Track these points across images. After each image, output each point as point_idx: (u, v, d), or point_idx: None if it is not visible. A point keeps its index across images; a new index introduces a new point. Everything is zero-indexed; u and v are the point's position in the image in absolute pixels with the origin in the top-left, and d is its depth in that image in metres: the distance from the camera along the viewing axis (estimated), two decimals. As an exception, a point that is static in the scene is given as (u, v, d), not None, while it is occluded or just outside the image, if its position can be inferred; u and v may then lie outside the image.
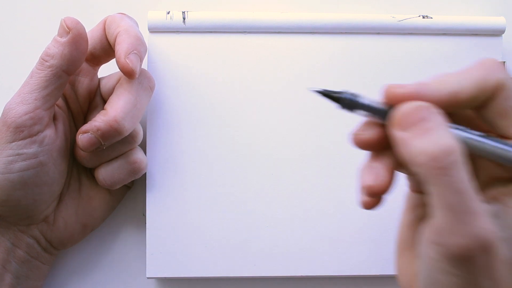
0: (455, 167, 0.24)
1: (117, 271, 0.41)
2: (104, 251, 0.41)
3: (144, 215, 0.41)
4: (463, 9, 0.43)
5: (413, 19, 0.40)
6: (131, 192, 0.41)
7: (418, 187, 0.31)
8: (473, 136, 0.27)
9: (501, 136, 0.28)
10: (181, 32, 0.40)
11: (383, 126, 0.28)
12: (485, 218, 0.25)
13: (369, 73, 0.40)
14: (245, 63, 0.40)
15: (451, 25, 0.40)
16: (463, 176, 0.24)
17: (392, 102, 0.27)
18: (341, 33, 0.40)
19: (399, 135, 0.26)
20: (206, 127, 0.40)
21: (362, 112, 0.29)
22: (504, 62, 0.41)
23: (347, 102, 0.29)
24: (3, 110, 0.33)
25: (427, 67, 0.41)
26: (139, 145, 0.38)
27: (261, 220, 0.40)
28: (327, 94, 0.29)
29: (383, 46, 0.41)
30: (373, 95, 0.40)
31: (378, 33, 0.40)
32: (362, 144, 0.29)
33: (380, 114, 0.28)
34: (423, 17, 0.40)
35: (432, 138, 0.25)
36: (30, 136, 0.33)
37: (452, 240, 0.25)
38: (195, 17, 0.40)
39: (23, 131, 0.32)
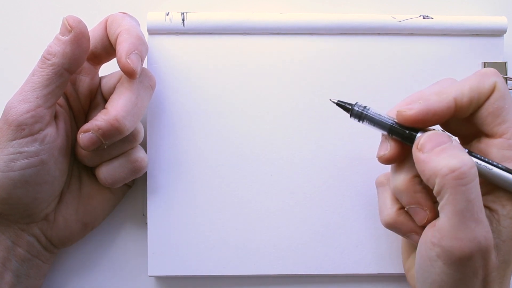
0: (471, 180, 0.28)
1: (117, 270, 0.41)
2: (104, 250, 0.41)
3: (144, 215, 0.41)
4: (464, 9, 0.43)
5: (413, 19, 0.40)
6: (131, 191, 0.42)
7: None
8: (482, 163, 0.31)
9: (488, 135, 0.32)
10: (181, 33, 0.40)
11: (396, 141, 0.33)
12: (486, 226, 0.29)
13: (369, 74, 0.40)
14: (245, 64, 0.40)
15: (452, 25, 0.40)
16: (475, 188, 0.28)
17: (405, 124, 0.32)
18: (341, 34, 0.40)
19: (421, 156, 0.30)
20: (206, 127, 0.40)
21: (368, 123, 0.34)
22: (505, 62, 0.41)
23: (357, 113, 0.34)
24: (5, 108, 0.33)
25: (428, 68, 0.41)
26: (140, 144, 0.38)
27: (261, 219, 0.40)
28: (341, 105, 0.34)
29: (383, 47, 0.41)
30: (373, 96, 0.40)
31: (379, 34, 0.41)
32: (387, 162, 0.33)
33: (384, 128, 0.33)
34: (424, 18, 0.40)
35: (454, 155, 0.29)
36: (31, 134, 0.33)
37: (454, 243, 0.29)
38: (194, 18, 0.40)
39: (24, 129, 0.33)
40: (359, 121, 0.34)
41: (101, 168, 0.37)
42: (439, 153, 0.30)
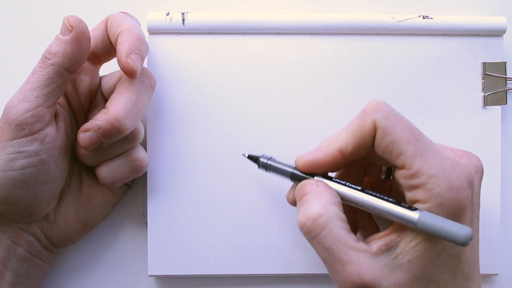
0: (320, 230, 0.30)
1: (117, 269, 0.41)
2: (104, 250, 0.41)
3: (144, 215, 0.41)
4: (463, 9, 0.43)
5: (413, 19, 0.40)
6: (131, 191, 0.42)
7: None
8: (371, 200, 0.31)
9: (397, 167, 0.31)
10: (181, 33, 0.40)
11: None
12: (357, 263, 0.29)
13: (369, 74, 0.40)
14: (245, 64, 0.40)
15: (451, 26, 0.40)
16: (329, 235, 0.30)
17: (303, 171, 0.33)
18: (341, 33, 0.40)
19: (297, 208, 0.32)
20: (206, 126, 0.40)
21: (274, 172, 0.35)
22: (505, 62, 0.41)
23: (263, 164, 0.35)
24: (5, 108, 0.33)
25: (427, 68, 0.41)
26: (140, 144, 0.38)
27: (261, 218, 0.40)
28: (250, 157, 0.36)
29: (383, 47, 0.41)
30: (373, 96, 0.40)
31: (378, 34, 0.41)
32: (292, 204, 0.35)
33: (286, 175, 0.34)
34: (423, 18, 0.40)
35: (303, 210, 0.31)
36: (31, 134, 0.33)
37: (336, 283, 0.31)
38: (194, 18, 0.40)
39: (24, 128, 0.33)
40: (266, 171, 0.36)
41: (101, 168, 0.37)
42: (300, 207, 0.32)
